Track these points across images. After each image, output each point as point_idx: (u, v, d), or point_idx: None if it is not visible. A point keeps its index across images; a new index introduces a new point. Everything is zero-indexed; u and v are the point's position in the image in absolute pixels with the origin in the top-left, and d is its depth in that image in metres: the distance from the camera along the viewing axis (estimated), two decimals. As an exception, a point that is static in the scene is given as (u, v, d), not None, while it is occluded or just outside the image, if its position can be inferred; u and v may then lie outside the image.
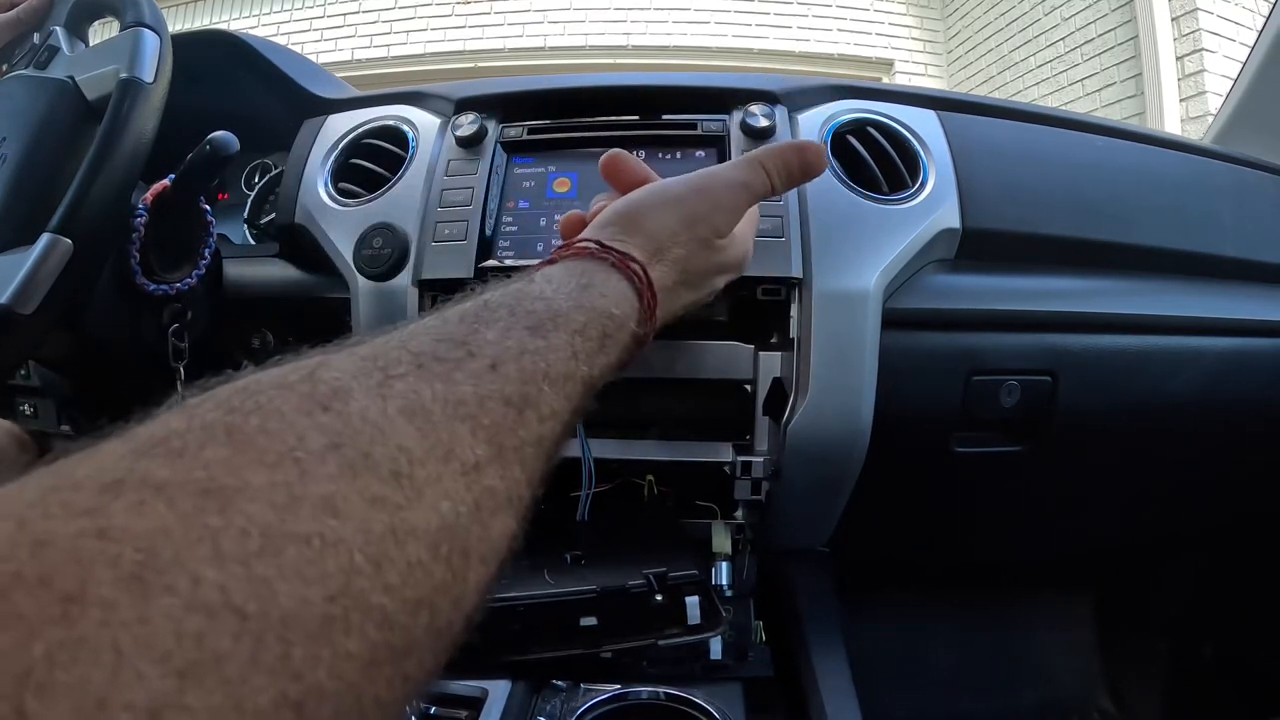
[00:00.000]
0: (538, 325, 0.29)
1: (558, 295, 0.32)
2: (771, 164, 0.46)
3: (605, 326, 0.33)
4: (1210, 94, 2.92)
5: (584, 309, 0.33)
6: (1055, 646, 1.06)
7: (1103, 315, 0.67)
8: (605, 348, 0.33)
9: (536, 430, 0.26)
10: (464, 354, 0.25)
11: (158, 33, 0.56)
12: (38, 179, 0.55)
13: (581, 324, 0.32)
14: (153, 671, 0.14)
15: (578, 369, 0.30)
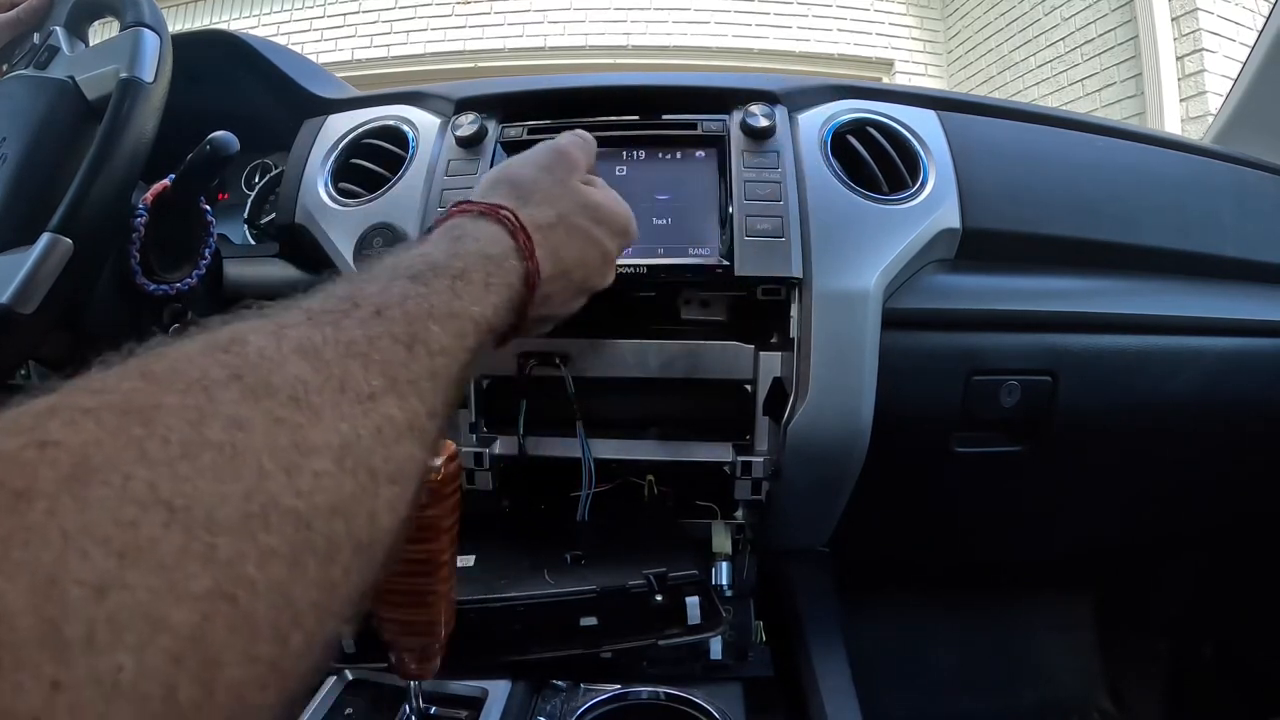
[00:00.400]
0: (417, 275, 0.32)
1: (434, 250, 0.35)
2: None
3: (485, 268, 0.35)
4: (1210, 94, 2.92)
5: (460, 255, 0.35)
6: (1055, 646, 1.06)
7: (1103, 315, 0.67)
8: (491, 287, 0.35)
9: (428, 365, 0.28)
10: (350, 305, 0.28)
11: (158, 32, 0.56)
12: (38, 179, 0.55)
13: (460, 269, 0.34)
14: (96, 552, 0.16)
15: (465, 308, 0.32)
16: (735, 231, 0.61)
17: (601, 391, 0.68)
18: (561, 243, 0.43)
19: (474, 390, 0.70)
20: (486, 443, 0.68)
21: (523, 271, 0.39)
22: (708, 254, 0.62)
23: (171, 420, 0.19)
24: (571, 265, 0.44)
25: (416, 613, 0.43)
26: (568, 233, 0.43)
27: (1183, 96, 3.05)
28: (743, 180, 0.63)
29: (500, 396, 0.71)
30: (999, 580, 1.05)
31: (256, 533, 0.19)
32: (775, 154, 0.65)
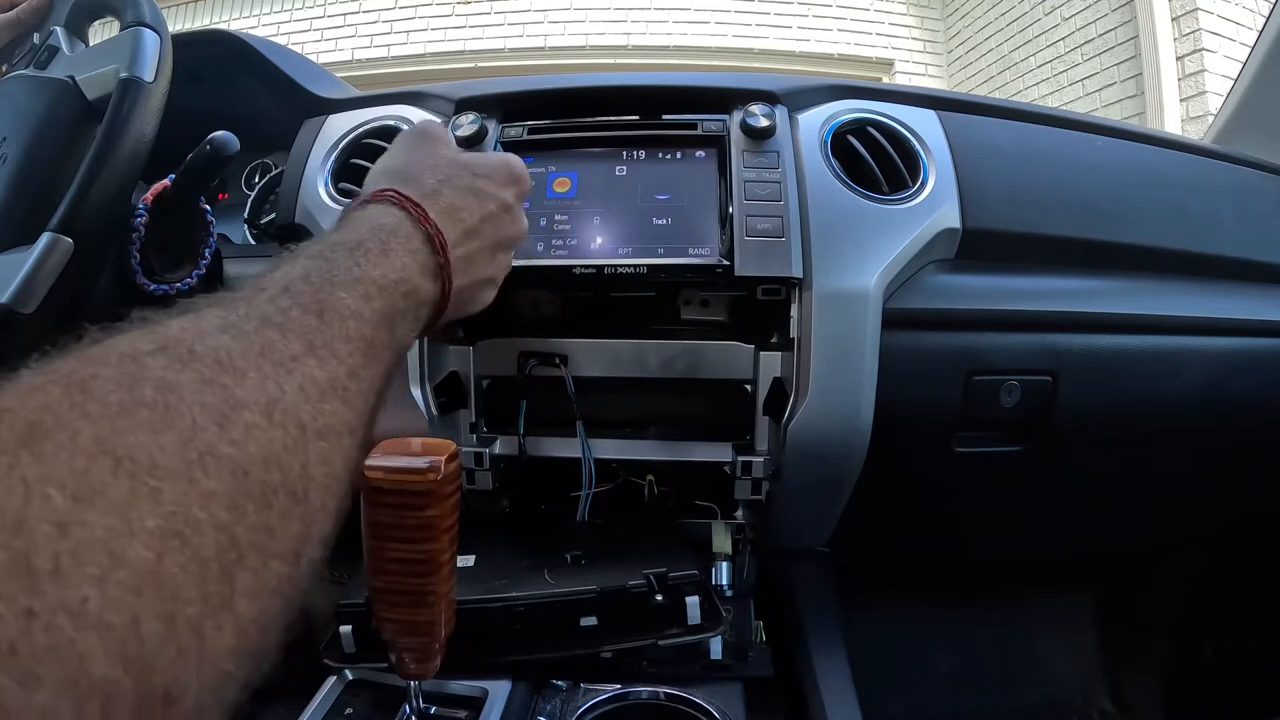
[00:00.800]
0: (317, 254, 0.34)
1: (330, 235, 0.37)
2: None
3: (380, 236, 0.37)
4: (1210, 94, 2.92)
5: (353, 230, 0.37)
6: (1056, 646, 1.06)
7: (1103, 315, 0.67)
8: (391, 253, 0.36)
9: (340, 328, 0.30)
10: (257, 290, 0.30)
11: (158, 32, 0.56)
12: (38, 178, 0.55)
13: (355, 241, 0.35)
14: (55, 496, 0.18)
15: (365, 273, 0.34)
16: (735, 231, 0.61)
17: (602, 391, 0.68)
18: (454, 204, 0.43)
19: (474, 390, 0.70)
20: (487, 443, 0.68)
21: (423, 236, 0.39)
22: (708, 254, 0.62)
23: (108, 388, 0.21)
24: (475, 222, 0.44)
25: (416, 613, 0.43)
26: (456, 193, 0.44)
27: (1183, 96, 3.05)
28: (743, 180, 0.63)
29: (501, 396, 0.71)
30: (999, 580, 1.05)
31: (196, 477, 0.21)
32: (775, 154, 0.65)
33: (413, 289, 0.37)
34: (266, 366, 0.25)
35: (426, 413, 0.64)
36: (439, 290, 0.40)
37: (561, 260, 0.63)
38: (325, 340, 0.29)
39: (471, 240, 0.43)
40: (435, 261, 0.40)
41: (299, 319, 0.29)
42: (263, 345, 0.26)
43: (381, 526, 0.52)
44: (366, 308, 0.32)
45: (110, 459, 0.19)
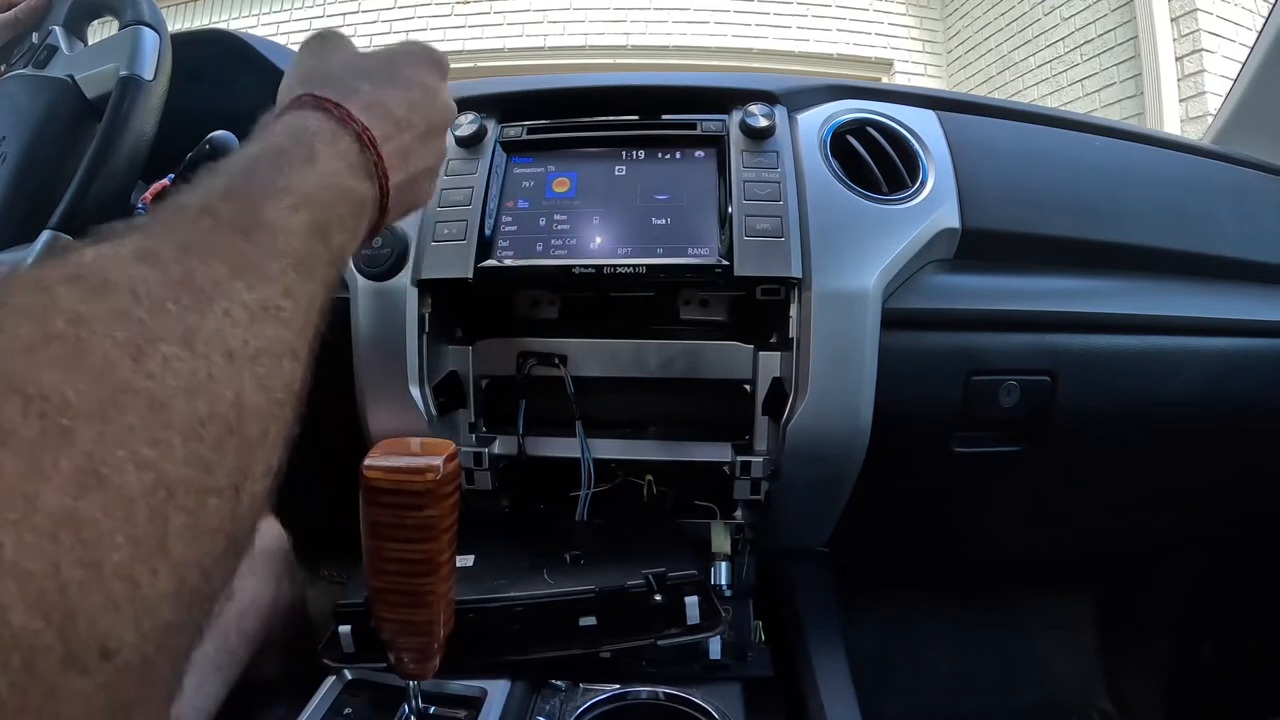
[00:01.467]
0: (237, 170, 0.31)
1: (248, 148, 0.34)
2: None
3: (303, 142, 0.34)
4: (1210, 94, 2.92)
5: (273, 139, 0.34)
6: (1055, 647, 1.06)
7: (1102, 315, 0.67)
8: (317, 158, 0.34)
9: (269, 245, 0.28)
10: (176, 212, 0.28)
11: (157, 31, 0.56)
12: (38, 177, 0.55)
13: (276, 150, 0.33)
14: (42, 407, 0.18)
15: (289, 183, 0.31)
16: (735, 231, 0.61)
17: (601, 391, 0.68)
18: (378, 97, 0.40)
19: (473, 390, 0.70)
20: (486, 442, 0.68)
21: (350, 135, 0.37)
22: (707, 254, 0.62)
23: (16, 317, 0.20)
24: (402, 112, 0.41)
25: (415, 613, 0.43)
26: (377, 86, 0.41)
27: (1182, 97, 3.05)
28: (742, 180, 0.63)
29: (500, 396, 0.71)
30: (999, 580, 1.05)
31: (110, 415, 0.19)
32: (775, 154, 0.65)
33: (345, 192, 0.35)
34: (186, 296, 0.23)
35: (425, 413, 0.64)
36: (375, 190, 0.38)
37: (561, 260, 0.63)
38: (252, 261, 0.27)
39: (403, 132, 0.41)
40: (366, 159, 0.37)
41: (222, 241, 0.27)
42: (182, 273, 0.24)
43: (380, 526, 0.52)
44: (295, 219, 0.30)
45: (20, 397, 0.18)
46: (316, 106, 0.37)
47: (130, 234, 0.25)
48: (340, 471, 0.58)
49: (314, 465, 0.54)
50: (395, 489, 0.52)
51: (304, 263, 0.30)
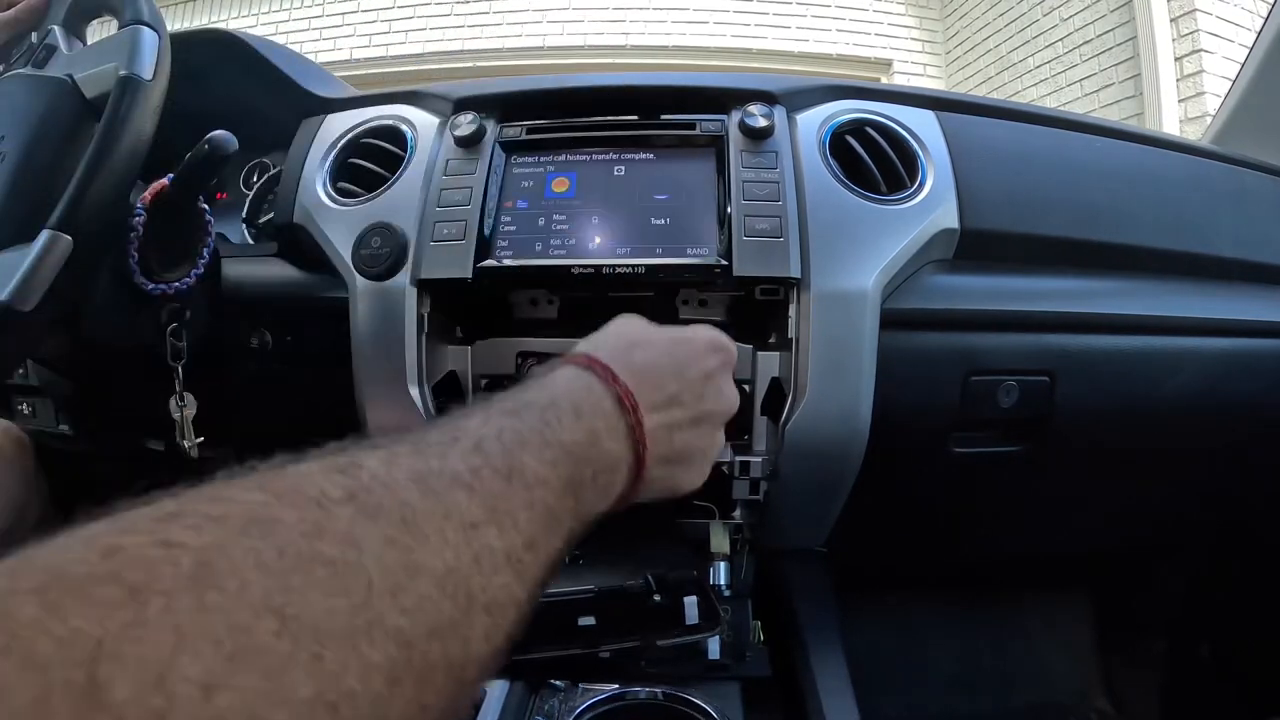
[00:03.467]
0: (510, 410, 0.33)
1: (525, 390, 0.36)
2: None
3: (573, 401, 0.36)
4: (1209, 94, 2.92)
5: (546, 390, 0.36)
6: (1053, 647, 1.06)
7: (1101, 316, 0.67)
8: (581, 418, 0.35)
9: (525, 496, 0.29)
10: (451, 439, 0.29)
11: (156, 30, 0.56)
12: (37, 177, 0.55)
13: (547, 402, 0.35)
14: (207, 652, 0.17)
15: (555, 436, 0.33)
16: (734, 231, 0.61)
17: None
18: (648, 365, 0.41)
19: (472, 390, 0.70)
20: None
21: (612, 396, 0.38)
22: (706, 254, 0.62)
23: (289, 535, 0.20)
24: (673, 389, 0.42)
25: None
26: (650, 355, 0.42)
27: (1181, 97, 3.05)
28: (741, 180, 0.63)
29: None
30: (997, 580, 1.06)
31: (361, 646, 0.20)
32: (774, 154, 0.65)
33: (601, 452, 0.35)
34: (448, 531, 0.25)
35: (425, 412, 0.64)
36: (631, 456, 0.38)
37: (560, 260, 0.63)
38: (508, 507, 0.28)
39: (672, 408, 0.41)
40: (625, 423, 0.38)
41: (487, 480, 0.28)
42: (448, 506, 0.25)
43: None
44: (553, 474, 0.31)
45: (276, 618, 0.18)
46: (587, 365, 0.39)
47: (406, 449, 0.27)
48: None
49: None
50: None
51: (553, 517, 0.31)
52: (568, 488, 0.32)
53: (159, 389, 0.64)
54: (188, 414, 0.65)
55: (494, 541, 0.26)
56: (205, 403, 0.66)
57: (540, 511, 0.30)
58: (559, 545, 0.31)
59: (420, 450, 0.27)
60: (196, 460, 0.67)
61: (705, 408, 0.44)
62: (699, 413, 0.43)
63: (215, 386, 0.69)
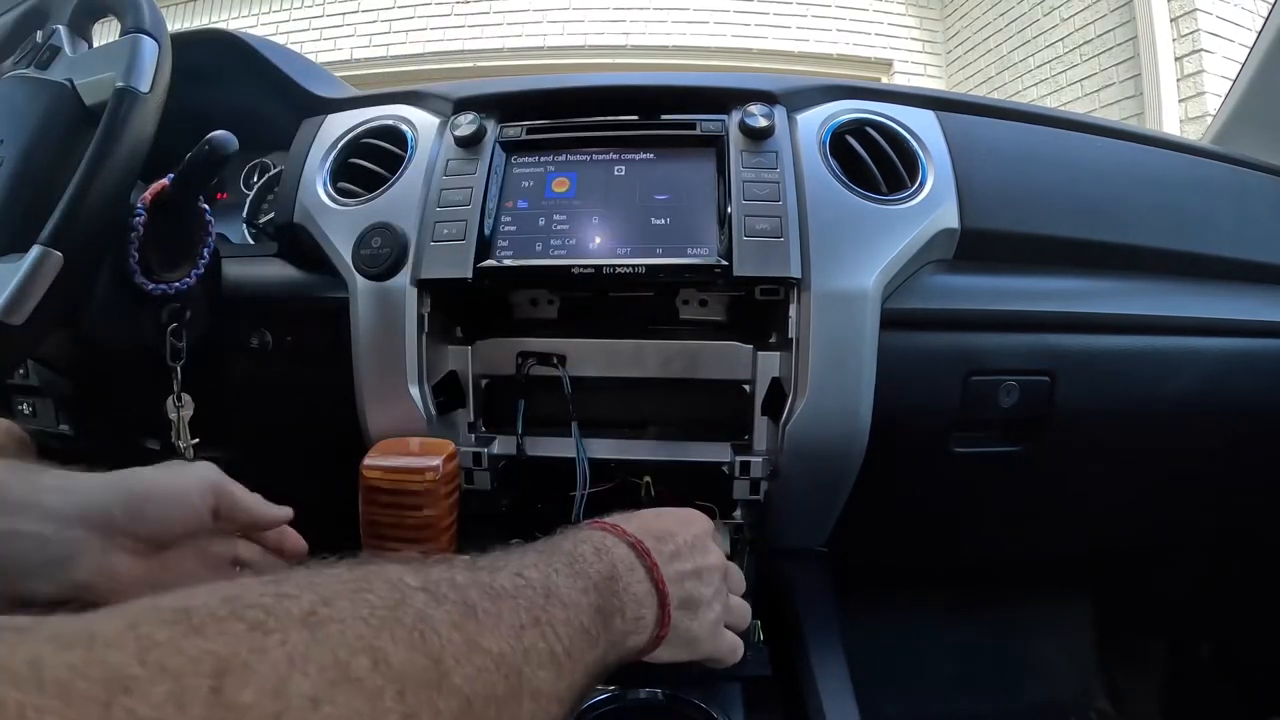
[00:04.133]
0: (541, 552, 0.38)
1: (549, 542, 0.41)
2: None
3: (593, 545, 0.41)
4: (1209, 94, 2.92)
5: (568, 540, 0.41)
6: (1053, 647, 1.06)
7: (1101, 315, 0.67)
8: (602, 558, 0.40)
9: (563, 613, 0.34)
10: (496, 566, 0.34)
11: (157, 39, 0.56)
12: (34, 183, 0.55)
13: (570, 547, 0.40)
14: (315, 675, 0.21)
15: (582, 569, 0.38)
16: (734, 231, 0.61)
17: (600, 391, 0.68)
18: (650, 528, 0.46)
19: (473, 390, 0.70)
20: (485, 442, 0.68)
21: (626, 544, 0.43)
22: (706, 254, 0.62)
23: (377, 601, 0.25)
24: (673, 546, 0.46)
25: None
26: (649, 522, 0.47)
27: (1181, 97, 3.05)
28: (741, 180, 0.63)
29: (499, 396, 0.71)
30: (997, 580, 1.05)
31: (434, 695, 0.24)
32: (774, 154, 0.65)
33: (625, 585, 0.41)
34: (502, 627, 0.29)
35: (425, 412, 0.64)
36: (655, 595, 0.43)
37: (560, 260, 0.63)
38: (549, 619, 0.32)
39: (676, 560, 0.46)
40: (643, 565, 0.43)
41: (530, 597, 0.33)
42: (500, 610, 0.30)
43: (380, 526, 0.52)
44: (584, 600, 0.36)
45: (369, 658, 0.23)
46: (599, 526, 0.45)
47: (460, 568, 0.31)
48: (340, 471, 0.59)
49: (313, 465, 0.54)
50: (394, 489, 0.52)
51: (585, 635, 0.35)
52: (598, 613, 0.37)
53: (159, 389, 0.64)
54: (184, 415, 0.65)
55: (539, 642, 0.31)
56: (205, 403, 0.66)
57: (576, 628, 0.34)
58: (591, 662, 0.35)
59: (472, 569, 0.32)
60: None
61: (704, 561, 0.48)
62: (699, 565, 0.47)
63: (215, 386, 0.69)
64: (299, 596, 0.23)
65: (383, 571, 0.27)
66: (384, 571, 0.27)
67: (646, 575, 0.43)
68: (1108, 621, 1.06)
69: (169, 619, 0.20)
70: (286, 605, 0.22)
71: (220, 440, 0.69)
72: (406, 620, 0.25)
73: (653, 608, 0.43)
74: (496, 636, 0.28)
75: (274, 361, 0.71)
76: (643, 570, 0.43)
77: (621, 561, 0.42)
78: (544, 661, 0.31)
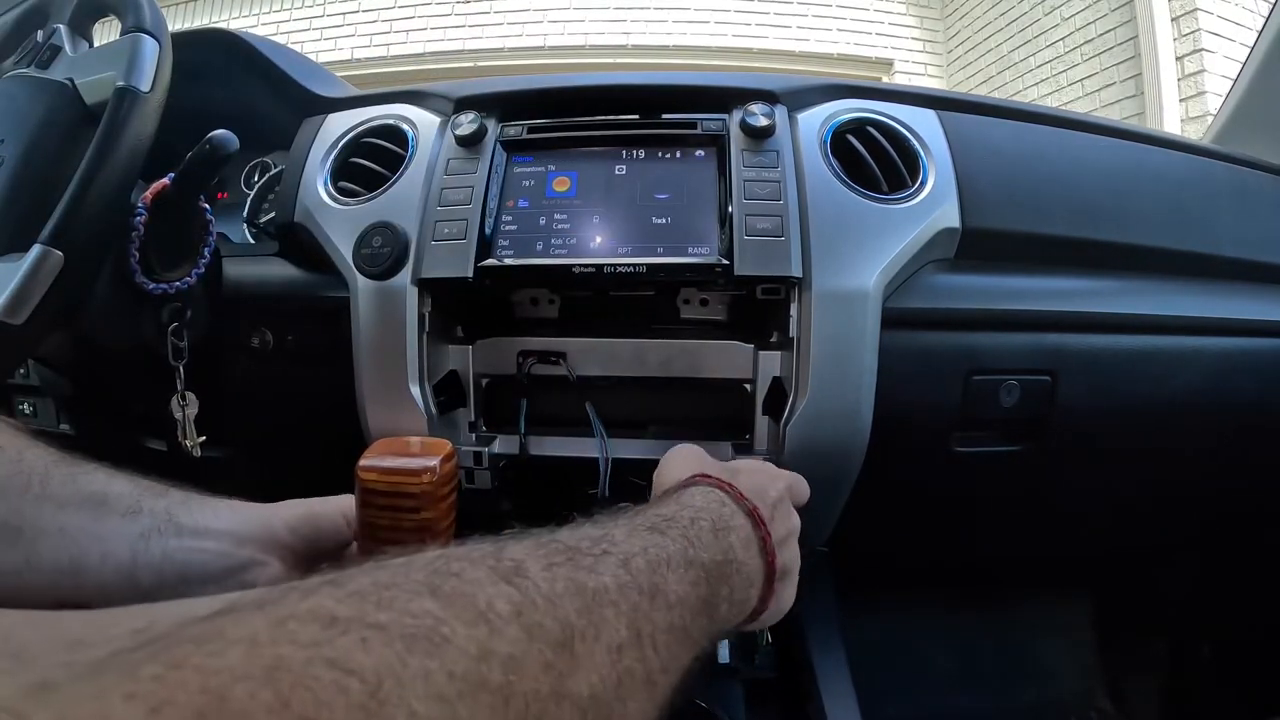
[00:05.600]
0: (654, 526, 0.35)
1: (665, 506, 0.38)
2: None
3: (713, 518, 0.38)
4: (1210, 94, 2.92)
5: (688, 508, 0.38)
6: (1054, 646, 1.06)
7: (1102, 315, 0.67)
8: (719, 536, 0.37)
9: (666, 617, 0.30)
10: (601, 551, 0.30)
11: (157, 39, 0.56)
12: (35, 182, 0.55)
13: (690, 520, 0.37)
14: None
15: (696, 556, 0.34)
16: (735, 231, 0.61)
17: (601, 391, 0.68)
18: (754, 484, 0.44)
19: (473, 389, 0.70)
20: (486, 441, 0.68)
21: (744, 512, 0.41)
22: (707, 253, 0.62)
23: (456, 656, 0.20)
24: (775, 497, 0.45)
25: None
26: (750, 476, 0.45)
27: (1182, 96, 3.05)
28: (742, 179, 0.63)
29: (500, 396, 0.71)
30: (998, 580, 1.05)
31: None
32: (775, 153, 0.65)
33: (739, 565, 0.38)
34: (598, 654, 0.25)
35: (425, 412, 0.64)
36: (764, 570, 0.40)
37: (561, 259, 0.62)
38: (650, 629, 0.29)
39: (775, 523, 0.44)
40: (758, 536, 0.40)
41: (632, 598, 0.29)
42: (599, 625, 0.26)
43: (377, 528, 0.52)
44: (692, 593, 0.33)
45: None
46: (715, 484, 0.42)
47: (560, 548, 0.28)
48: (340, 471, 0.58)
49: (314, 464, 0.54)
50: (391, 491, 0.51)
51: (687, 637, 0.32)
52: (703, 607, 0.33)
53: (160, 389, 0.64)
54: (189, 414, 0.65)
55: (636, 665, 0.27)
56: (206, 402, 0.66)
57: (678, 633, 0.31)
58: (687, 662, 0.32)
59: (575, 559, 0.28)
60: (199, 460, 0.67)
61: (793, 523, 0.47)
62: (791, 528, 0.46)
63: (216, 386, 0.69)
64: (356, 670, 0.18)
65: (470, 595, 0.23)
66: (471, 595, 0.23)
67: (759, 551, 0.40)
68: (1108, 621, 1.06)
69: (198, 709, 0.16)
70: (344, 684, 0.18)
71: (222, 440, 0.69)
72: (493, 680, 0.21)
73: (759, 585, 0.40)
74: (589, 670, 0.25)
75: (275, 361, 0.71)
76: (757, 546, 0.40)
77: (739, 539, 0.39)
78: (636, 689, 0.27)
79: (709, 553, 0.35)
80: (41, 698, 0.16)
